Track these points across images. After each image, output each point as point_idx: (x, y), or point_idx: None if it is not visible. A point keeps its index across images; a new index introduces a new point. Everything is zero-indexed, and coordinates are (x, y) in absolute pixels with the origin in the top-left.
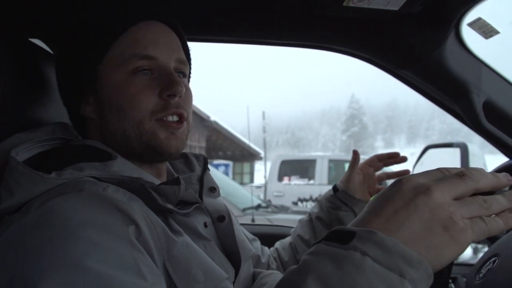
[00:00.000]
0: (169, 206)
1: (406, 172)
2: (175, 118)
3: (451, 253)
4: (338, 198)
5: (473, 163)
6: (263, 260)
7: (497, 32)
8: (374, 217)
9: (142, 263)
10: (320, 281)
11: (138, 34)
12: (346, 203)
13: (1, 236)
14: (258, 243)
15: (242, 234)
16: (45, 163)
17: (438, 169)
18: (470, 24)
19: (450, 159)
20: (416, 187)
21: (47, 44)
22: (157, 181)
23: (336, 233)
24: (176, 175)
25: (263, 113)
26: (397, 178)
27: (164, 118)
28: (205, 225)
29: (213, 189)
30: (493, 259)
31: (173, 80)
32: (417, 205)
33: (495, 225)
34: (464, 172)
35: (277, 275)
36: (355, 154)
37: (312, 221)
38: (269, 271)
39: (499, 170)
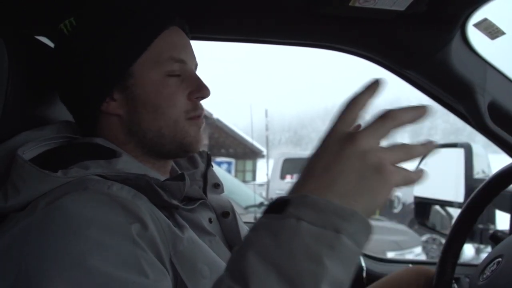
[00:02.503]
0: (175, 202)
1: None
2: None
3: (383, 195)
4: None
5: (477, 163)
6: None
7: (503, 33)
8: (307, 179)
9: (145, 261)
10: (258, 255)
11: (172, 37)
12: None
13: (6, 234)
14: None
15: (246, 231)
16: (51, 161)
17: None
18: (476, 25)
19: (454, 159)
20: (341, 139)
21: (53, 42)
22: (161, 178)
23: (274, 204)
24: (180, 172)
25: (266, 111)
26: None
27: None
28: (210, 220)
29: (217, 185)
30: (497, 260)
31: (203, 84)
32: (346, 155)
33: (411, 175)
34: (385, 114)
35: None
36: None
37: None
38: None
39: (505, 170)
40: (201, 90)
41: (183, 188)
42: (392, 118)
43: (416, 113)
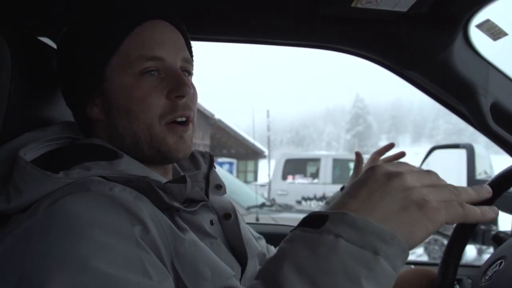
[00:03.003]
0: (176, 204)
1: (402, 153)
2: (183, 119)
3: (423, 231)
4: None
5: (480, 164)
6: None
7: (505, 34)
8: (349, 200)
9: (148, 262)
10: (295, 267)
11: (144, 34)
12: None
13: (9, 236)
14: (263, 241)
15: (248, 232)
16: (53, 162)
17: (405, 162)
18: (478, 26)
19: (456, 160)
20: (389, 173)
21: (55, 42)
22: (163, 180)
23: (310, 218)
24: (182, 173)
25: (267, 112)
26: (370, 166)
27: (173, 121)
28: (211, 222)
29: (219, 187)
30: (500, 261)
31: (181, 81)
32: (391, 186)
33: (472, 212)
34: (430, 170)
35: None
36: (358, 156)
37: None
38: None
39: (508, 172)
40: (179, 88)
41: (185, 190)
42: (436, 176)
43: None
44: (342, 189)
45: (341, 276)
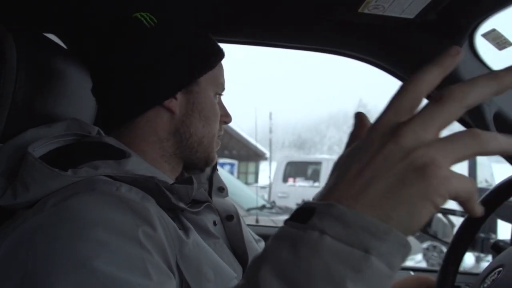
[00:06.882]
0: (182, 205)
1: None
2: None
3: (428, 208)
4: None
5: (481, 172)
6: None
7: (510, 44)
8: (337, 183)
9: (150, 264)
10: (274, 271)
11: (221, 66)
12: None
13: (13, 233)
14: (263, 243)
15: (249, 234)
16: (61, 159)
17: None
18: (484, 35)
19: (457, 168)
20: (385, 133)
21: (62, 40)
22: (170, 180)
23: (300, 210)
24: (186, 174)
25: (270, 114)
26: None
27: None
28: (215, 223)
29: (222, 189)
30: (498, 269)
31: (228, 111)
32: (385, 157)
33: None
34: (443, 94)
35: None
36: (358, 117)
37: None
38: None
39: (509, 181)
40: (228, 116)
41: (191, 192)
42: (454, 99)
43: (498, 85)
44: None
45: (323, 280)
